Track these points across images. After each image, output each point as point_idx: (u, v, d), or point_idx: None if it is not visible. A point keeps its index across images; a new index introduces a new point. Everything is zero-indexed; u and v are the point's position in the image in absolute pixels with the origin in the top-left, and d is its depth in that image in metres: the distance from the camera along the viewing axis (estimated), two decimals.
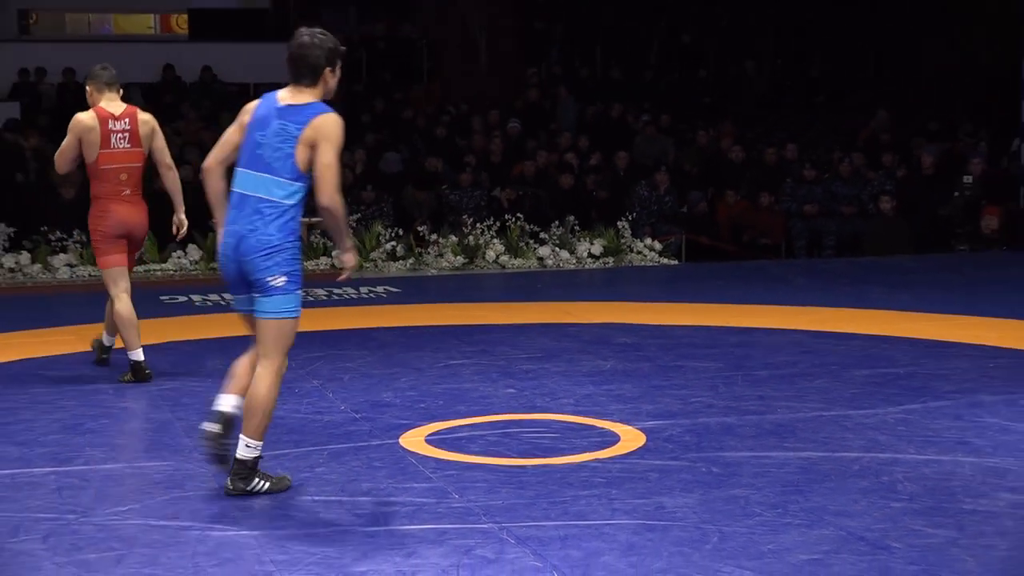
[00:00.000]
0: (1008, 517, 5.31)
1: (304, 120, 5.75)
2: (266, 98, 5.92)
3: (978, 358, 8.42)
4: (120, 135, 8.13)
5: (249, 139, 5.85)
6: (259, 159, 5.79)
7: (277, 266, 5.74)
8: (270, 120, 5.80)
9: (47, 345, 9.07)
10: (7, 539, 5.14)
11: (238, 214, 5.85)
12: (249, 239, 5.76)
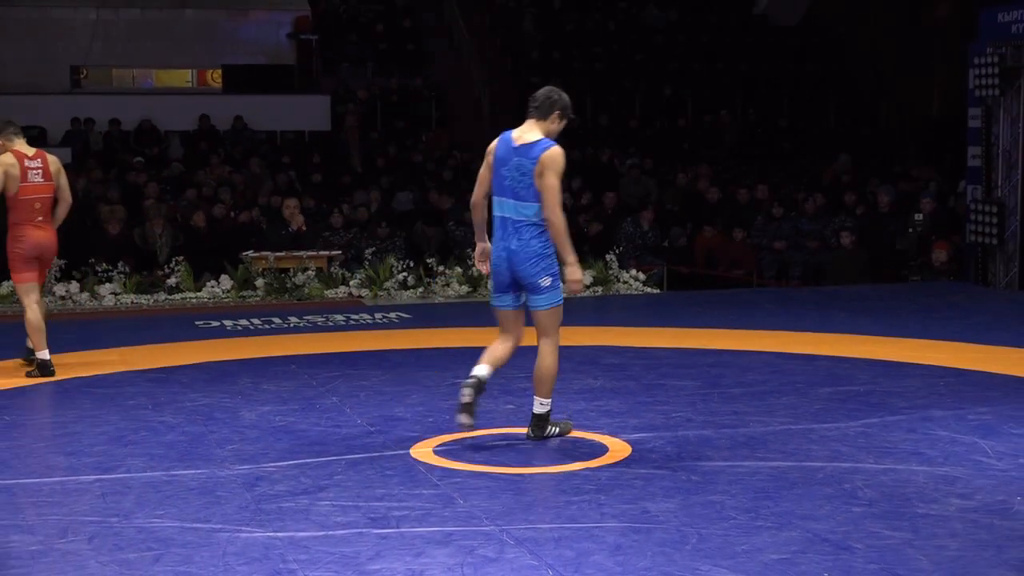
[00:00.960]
0: (958, 521, 5.30)
1: (536, 155, 6.57)
2: (503, 139, 6.78)
3: (929, 377, 8.41)
4: (35, 171, 8.75)
5: (497, 174, 6.71)
6: (508, 189, 6.65)
7: (543, 270, 6.63)
8: (509, 158, 6.64)
9: (93, 365, 9.06)
10: (56, 540, 5.13)
11: (503, 234, 6.68)
12: (519, 253, 6.61)
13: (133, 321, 11.45)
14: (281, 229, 13.65)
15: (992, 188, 14.47)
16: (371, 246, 14.15)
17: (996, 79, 14.16)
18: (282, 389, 8.16)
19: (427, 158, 19.30)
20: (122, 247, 13.56)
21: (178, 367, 9.00)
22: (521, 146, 6.65)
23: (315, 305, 12.19)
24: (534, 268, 6.60)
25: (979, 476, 5.99)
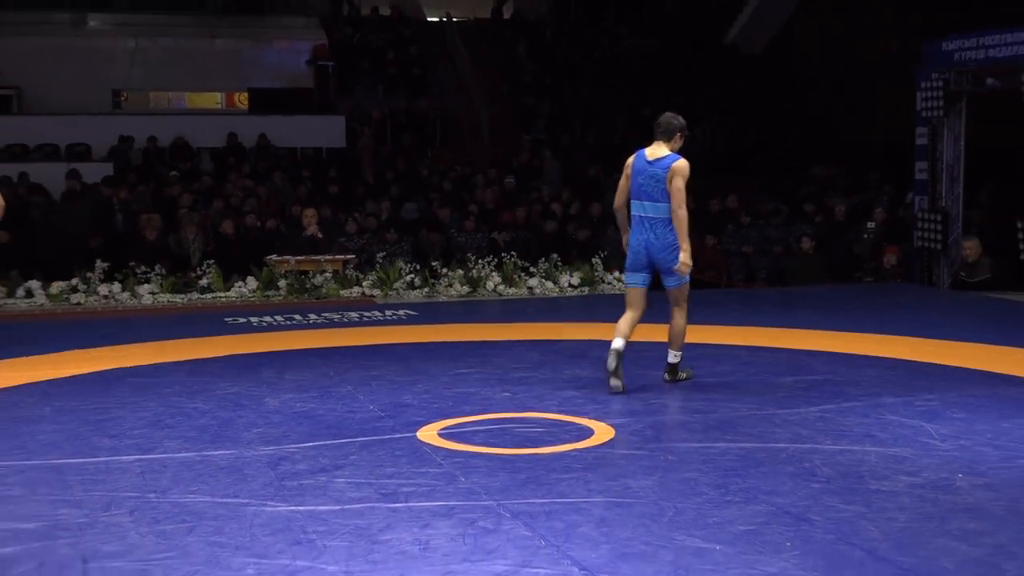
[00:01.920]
0: (906, 496, 5.32)
1: (666, 165, 7.47)
2: (639, 155, 7.65)
3: (880, 368, 8.42)
4: None
5: (635, 183, 7.61)
6: (645, 193, 7.56)
7: (675, 256, 7.52)
8: (645, 169, 7.56)
9: (133, 357, 9.06)
10: (100, 513, 5.13)
11: (642, 228, 7.62)
12: (656, 243, 7.56)
13: (169, 318, 11.45)
14: (301, 235, 13.66)
15: (937, 199, 14.51)
16: (382, 251, 14.16)
17: (940, 101, 14.22)
18: (302, 378, 8.17)
19: (432, 172, 19.30)
20: (159, 251, 13.56)
21: (209, 359, 9.00)
22: (655, 160, 7.54)
23: (332, 303, 12.20)
24: (670, 255, 7.54)
25: (925, 456, 6.00)
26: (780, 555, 4.54)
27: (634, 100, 22.19)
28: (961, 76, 14.18)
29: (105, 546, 4.71)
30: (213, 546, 4.69)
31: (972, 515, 5.04)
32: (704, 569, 4.40)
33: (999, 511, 5.10)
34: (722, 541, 4.70)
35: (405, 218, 16.49)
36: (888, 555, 4.55)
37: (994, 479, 5.59)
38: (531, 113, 21.96)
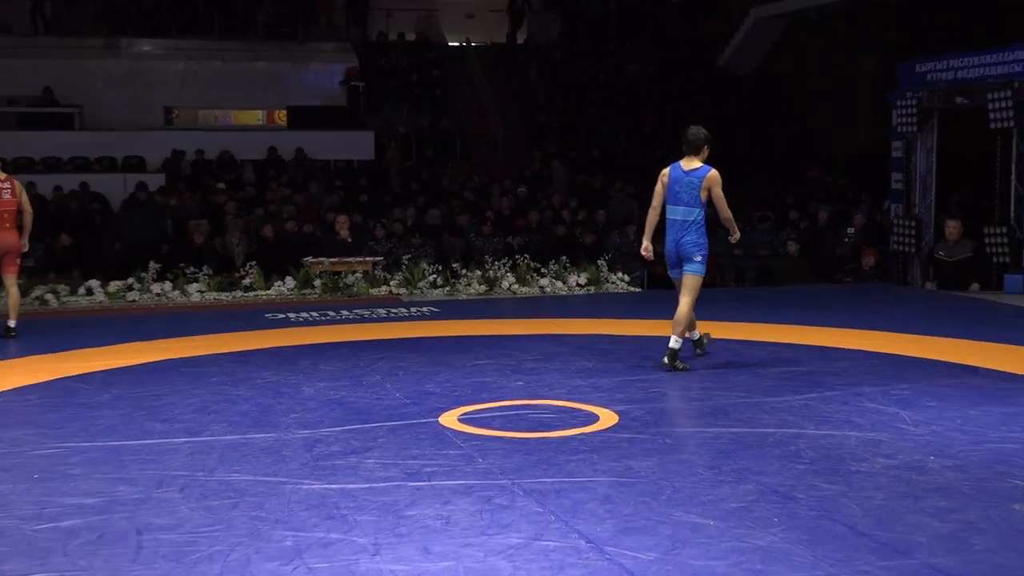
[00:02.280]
0: (883, 476, 5.31)
1: (701, 175, 7.91)
2: (674, 167, 8.05)
3: (859, 360, 8.41)
4: (5, 190, 9.63)
5: (671, 189, 8.01)
6: (680, 200, 7.96)
7: (697, 251, 7.94)
8: (681, 179, 7.96)
9: (183, 349, 9.09)
10: (153, 490, 5.15)
11: (675, 229, 7.99)
12: (685, 239, 7.93)
13: (215, 314, 11.48)
14: (334, 239, 13.69)
15: (911, 206, 14.49)
16: (407, 253, 14.17)
17: (914, 118, 14.20)
18: (335, 369, 8.18)
19: (452, 182, 19.32)
20: (206, 254, 13.60)
21: (251, 351, 9.03)
22: (690, 171, 7.96)
23: (362, 301, 12.22)
24: (691, 249, 7.92)
25: (900, 440, 5.99)
26: (768, 530, 4.54)
27: (635, 117, 22.18)
28: (933, 95, 14.14)
29: (157, 520, 4.73)
30: (255, 520, 4.70)
31: (943, 494, 5.03)
32: (699, 542, 4.40)
33: (967, 490, 5.09)
34: (715, 517, 4.69)
35: (428, 224, 16.51)
36: (867, 530, 4.54)
37: (963, 461, 5.57)
38: (542, 129, 21.96)
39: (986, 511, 4.78)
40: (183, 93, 22.27)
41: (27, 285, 12.04)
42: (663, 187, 8.08)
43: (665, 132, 21.79)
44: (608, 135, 21.69)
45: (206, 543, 4.43)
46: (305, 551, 4.33)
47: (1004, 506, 4.86)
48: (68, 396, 7.29)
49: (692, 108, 22.32)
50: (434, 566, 4.17)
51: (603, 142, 21.45)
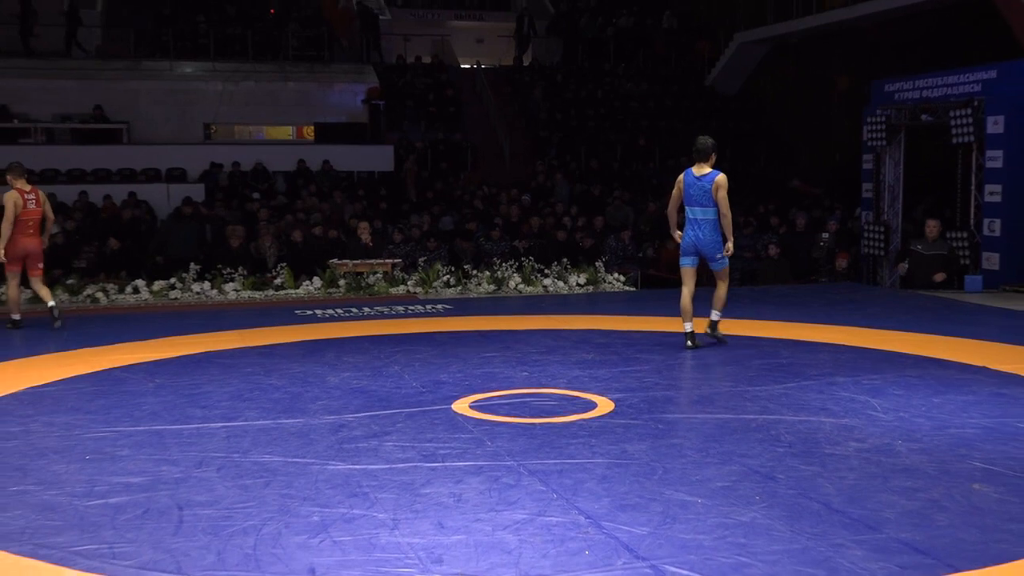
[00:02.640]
0: (854, 458, 5.30)
1: (711, 179, 8.25)
2: (688, 173, 8.40)
3: (834, 352, 8.39)
4: (31, 200, 9.83)
5: (687, 194, 8.36)
6: (695, 201, 8.32)
7: (718, 247, 8.38)
8: (694, 183, 8.31)
9: (220, 342, 9.10)
10: (193, 470, 5.16)
11: (693, 227, 8.38)
12: (703, 237, 8.35)
13: (249, 311, 11.49)
14: (357, 243, 13.69)
15: (880, 213, 14.47)
16: (423, 256, 14.17)
17: (883, 133, 14.18)
18: (358, 360, 8.19)
19: (464, 192, 19.33)
20: (241, 256, 13.61)
21: (282, 344, 9.04)
22: (701, 176, 8.30)
23: (382, 299, 12.22)
24: (714, 248, 8.37)
25: (871, 425, 5.98)
26: (751, 507, 4.53)
27: (630, 132, 22.17)
28: (900, 112, 14.12)
29: (197, 497, 4.73)
30: (285, 497, 4.71)
31: (909, 474, 5.02)
32: (688, 518, 4.39)
33: (932, 471, 5.08)
34: (703, 495, 4.69)
35: (442, 229, 16.52)
36: (840, 507, 4.53)
37: (927, 445, 5.56)
38: (545, 143, 21.97)
39: (948, 490, 4.78)
40: (221, 110, 22.30)
41: (79, 284, 12.07)
42: (679, 191, 8.45)
43: (657, 145, 21.80)
44: (605, 148, 21.68)
45: (241, 518, 4.44)
46: (330, 526, 4.34)
47: (964, 486, 4.85)
48: (116, 385, 7.31)
49: (682, 124, 22.33)
50: (447, 539, 4.18)
51: (601, 154, 21.44)
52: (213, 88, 22.33)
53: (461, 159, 21.60)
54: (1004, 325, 9.87)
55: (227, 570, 3.89)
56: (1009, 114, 12.63)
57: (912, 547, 4.07)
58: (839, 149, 19.98)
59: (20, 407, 6.61)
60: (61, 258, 13.58)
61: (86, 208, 16.79)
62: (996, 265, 12.82)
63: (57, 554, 4.06)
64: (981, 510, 4.51)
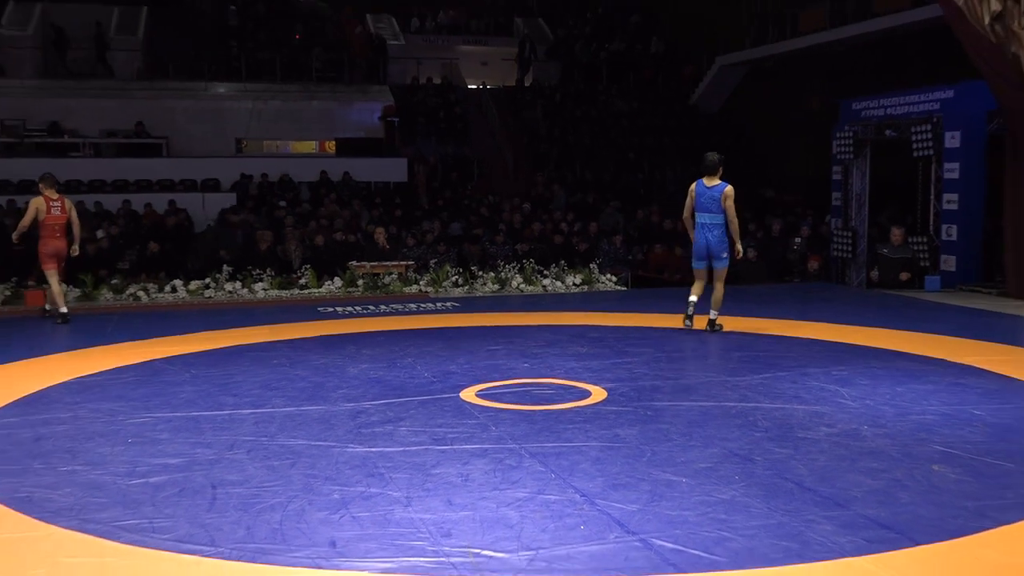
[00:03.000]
0: (825, 442, 5.29)
1: (720, 190, 8.62)
2: (699, 183, 8.72)
3: (807, 346, 8.39)
4: (55, 207, 10.02)
5: (698, 202, 8.71)
6: (706, 208, 8.66)
7: (724, 249, 8.71)
8: (704, 193, 8.68)
9: (250, 336, 9.11)
10: (225, 452, 5.16)
11: (703, 231, 8.70)
12: (713, 241, 8.68)
13: (276, 308, 11.50)
14: (374, 247, 13.69)
15: (848, 220, 14.45)
16: (433, 258, 14.16)
17: (851, 147, 14.17)
18: (375, 353, 8.19)
19: (471, 200, 19.32)
20: (269, 259, 13.60)
21: (306, 338, 9.04)
22: (711, 187, 8.65)
23: (396, 298, 12.22)
24: (721, 248, 8.68)
25: (840, 412, 5.97)
26: (731, 486, 4.52)
27: (621, 147, 22.15)
28: (866, 128, 14.10)
29: (229, 476, 4.73)
30: (308, 477, 4.71)
31: (874, 457, 5.02)
32: (673, 496, 4.39)
33: (895, 454, 5.07)
34: (687, 475, 4.68)
35: (451, 234, 16.51)
36: (812, 486, 4.52)
37: (891, 430, 5.55)
38: (544, 156, 21.95)
39: (910, 471, 4.77)
40: (251, 127, 22.32)
41: (122, 284, 12.07)
42: (692, 199, 8.75)
43: (646, 159, 21.77)
44: (599, 161, 21.66)
45: (268, 496, 4.44)
46: (350, 503, 4.33)
47: (925, 467, 4.84)
48: (155, 375, 7.31)
49: (668, 139, 22.31)
50: (455, 515, 4.17)
51: (595, 167, 21.42)
52: (244, 107, 22.34)
53: (468, 171, 21.58)
54: (960, 321, 9.86)
55: (256, 543, 3.89)
56: (965, 130, 12.61)
57: (877, 522, 4.06)
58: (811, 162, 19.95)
59: (69, 395, 6.62)
60: (106, 260, 13.58)
61: (129, 215, 16.79)
62: (953, 267, 12.80)
63: (102, 528, 4.06)
64: (939, 489, 4.51)
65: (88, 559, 3.76)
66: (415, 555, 3.75)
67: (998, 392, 6.49)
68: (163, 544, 3.88)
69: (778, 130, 22.22)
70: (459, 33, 26.49)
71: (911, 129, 13.05)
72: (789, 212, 17.95)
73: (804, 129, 20.99)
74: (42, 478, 4.75)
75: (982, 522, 4.07)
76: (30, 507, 4.32)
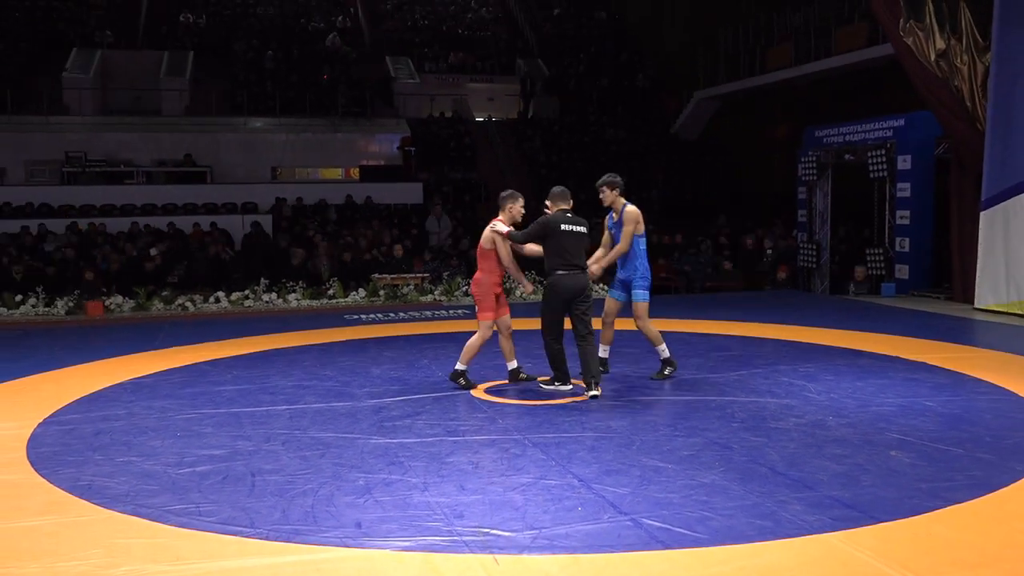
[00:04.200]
0: (795, 431, 5.27)
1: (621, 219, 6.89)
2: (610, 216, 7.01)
3: (777, 346, 8.36)
4: None
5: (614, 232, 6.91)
6: None
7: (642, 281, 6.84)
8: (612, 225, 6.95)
9: (284, 341, 9.10)
10: (263, 444, 5.15)
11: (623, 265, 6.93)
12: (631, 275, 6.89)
13: (307, 316, 11.49)
14: (394, 261, 13.67)
15: (813, 234, 14.42)
16: (447, 271, 14.14)
17: (814, 169, 14.15)
18: (395, 355, 8.18)
19: (478, 219, 19.30)
20: (301, 272, 13.59)
21: (333, 343, 9.03)
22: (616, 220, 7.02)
23: (414, 306, 12.21)
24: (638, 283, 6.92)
25: (807, 404, 5.94)
26: (711, 471, 4.50)
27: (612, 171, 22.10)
28: (828, 153, 14.08)
29: (266, 465, 4.72)
30: (336, 465, 4.69)
31: (839, 444, 4.99)
32: (660, 480, 4.37)
33: (857, 441, 5.05)
34: (672, 462, 4.66)
35: (462, 249, 16.49)
36: (783, 471, 4.50)
37: (853, 420, 5.53)
38: (543, 181, 21.93)
39: (871, 456, 4.74)
40: (284, 156, 22.34)
41: (172, 296, 12.06)
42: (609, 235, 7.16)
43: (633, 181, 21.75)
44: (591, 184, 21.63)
45: (301, 482, 4.42)
46: (373, 488, 4.32)
47: (884, 453, 4.81)
48: (201, 376, 7.30)
49: (653, 164, 22.29)
50: (467, 498, 4.15)
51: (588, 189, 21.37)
52: (279, 139, 22.38)
53: (476, 194, 21.58)
54: (913, 323, 9.82)
55: (290, 524, 3.87)
56: (915, 154, 12.60)
57: (841, 503, 4.04)
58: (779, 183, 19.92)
59: (125, 394, 6.61)
60: (157, 275, 13.58)
61: (177, 235, 16.80)
62: (906, 275, 12.77)
63: (154, 512, 4.05)
64: (897, 472, 4.48)
65: (141, 540, 3.75)
66: (431, 534, 3.73)
67: (948, 386, 6.46)
68: (208, 526, 3.87)
69: (750, 155, 22.22)
70: (468, 72, 26.56)
71: (867, 153, 13.04)
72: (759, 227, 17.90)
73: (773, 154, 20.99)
74: (101, 468, 4.74)
75: (935, 502, 4.04)
76: (90, 494, 4.31)
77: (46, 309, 11.23)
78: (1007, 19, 10.44)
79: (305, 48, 25.33)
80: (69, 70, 22.05)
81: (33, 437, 5.38)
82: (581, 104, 25.33)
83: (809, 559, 3.45)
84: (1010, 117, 10.45)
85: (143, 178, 20.91)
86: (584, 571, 3.37)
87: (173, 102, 22.56)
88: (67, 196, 18.53)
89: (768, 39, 20.79)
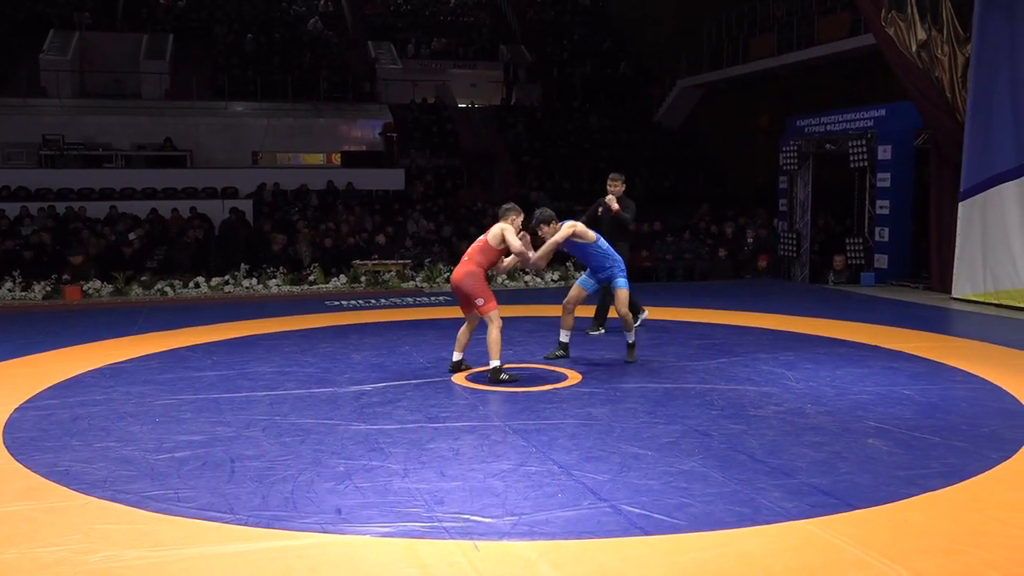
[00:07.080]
0: (774, 419, 5.30)
1: None
2: None
3: (757, 334, 8.40)
4: None
5: None
6: None
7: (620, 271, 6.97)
8: None
9: (265, 327, 9.05)
10: (243, 430, 5.13)
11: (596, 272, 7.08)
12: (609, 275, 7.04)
13: (287, 302, 11.43)
14: (375, 247, 13.61)
15: (793, 223, 14.48)
16: (428, 257, 14.11)
17: (796, 159, 14.20)
18: (376, 341, 8.16)
19: (461, 206, 19.25)
20: (282, 258, 13.52)
21: (314, 328, 9.00)
22: None
23: (395, 292, 12.18)
24: None
25: (786, 392, 5.98)
26: (691, 458, 4.52)
27: (595, 158, 22.13)
28: (809, 143, 14.13)
29: (246, 452, 4.70)
30: (317, 452, 4.68)
31: (817, 432, 5.03)
32: (640, 467, 4.38)
33: (835, 429, 5.09)
34: (652, 449, 4.68)
35: (444, 236, 16.44)
36: (762, 458, 4.53)
37: (832, 408, 5.57)
38: (526, 167, 21.91)
39: (848, 444, 4.78)
40: (265, 141, 22.16)
41: (151, 280, 11.97)
42: None
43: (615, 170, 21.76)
44: (574, 171, 21.64)
45: (281, 468, 4.41)
46: (354, 474, 4.31)
47: (861, 441, 4.86)
48: (180, 361, 7.26)
49: (636, 152, 22.30)
50: (447, 485, 4.15)
51: (571, 176, 21.39)
52: (259, 123, 22.18)
53: (459, 180, 21.51)
54: (892, 312, 9.91)
55: (270, 511, 3.86)
56: (895, 144, 12.67)
57: (820, 490, 4.07)
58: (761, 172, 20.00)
59: (103, 380, 6.56)
60: (136, 260, 13.46)
61: (157, 220, 16.64)
62: (885, 264, 12.87)
63: (133, 498, 4.03)
64: (874, 460, 4.52)
65: (120, 526, 3.72)
66: (412, 520, 3.73)
67: (925, 375, 6.53)
68: (187, 512, 3.85)
69: (732, 144, 22.27)
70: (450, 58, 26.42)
71: (848, 143, 13.10)
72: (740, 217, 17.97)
73: (755, 143, 21.05)
74: (78, 453, 4.70)
75: (911, 489, 4.08)
76: (68, 479, 4.28)
77: (23, 294, 11.12)
78: (988, 10, 10.51)
79: (287, 32, 25.11)
80: (47, 52, 21.74)
81: (10, 422, 5.33)
82: (564, 91, 25.29)
83: (787, 545, 3.48)
84: (989, 108, 10.53)
85: (122, 162, 20.68)
86: (564, 557, 3.38)
87: (153, 85, 22.32)
88: (44, 179, 18.31)
89: (751, 28, 20.80)
